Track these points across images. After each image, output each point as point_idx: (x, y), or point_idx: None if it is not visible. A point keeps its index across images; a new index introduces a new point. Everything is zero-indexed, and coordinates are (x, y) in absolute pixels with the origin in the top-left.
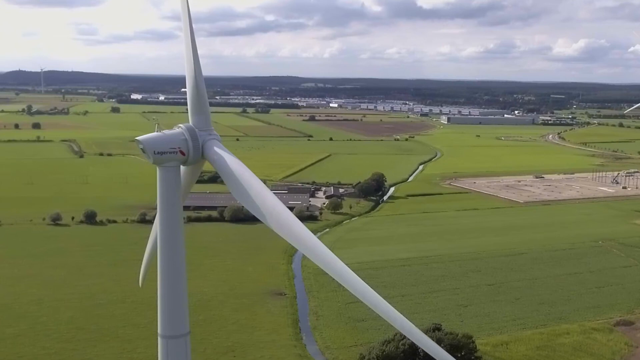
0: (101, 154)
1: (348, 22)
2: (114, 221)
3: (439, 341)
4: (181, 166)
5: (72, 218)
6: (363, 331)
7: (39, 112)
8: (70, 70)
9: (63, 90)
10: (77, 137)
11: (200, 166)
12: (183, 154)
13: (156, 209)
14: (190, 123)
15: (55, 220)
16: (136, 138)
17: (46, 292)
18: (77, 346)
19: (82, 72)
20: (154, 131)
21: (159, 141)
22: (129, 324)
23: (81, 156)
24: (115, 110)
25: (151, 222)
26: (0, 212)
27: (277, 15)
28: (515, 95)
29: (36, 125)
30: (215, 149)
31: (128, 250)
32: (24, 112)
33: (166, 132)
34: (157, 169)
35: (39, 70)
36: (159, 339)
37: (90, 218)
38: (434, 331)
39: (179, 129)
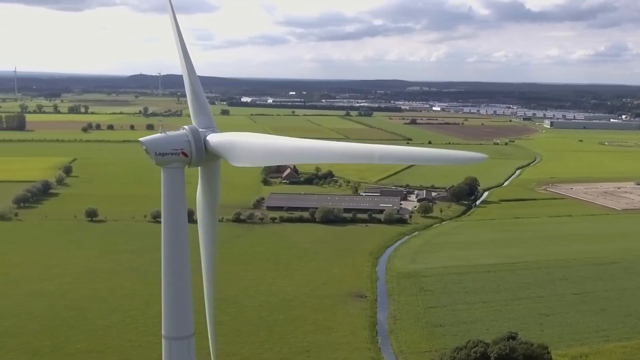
0: None
1: (455, 25)
2: None
3: (512, 350)
4: (199, 168)
5: None
6: (439, 337)
7: (154, 114)
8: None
9: (179, 94)
10: None
11: (214, 166)
12: (186, 155)
13: (251, 208)
14: (194, 124)
15: (156, 218)
16: (139, 139)
17: (140, 286)
18: (160, 340)
19: (198, 76)
20: (159, 132)
21: (161, 142)
22: (215, 320)
23: None
24: (224, 112)
25: (245, 221)
26: (107, 209)
27: (385, 19)
28: (624, 100)
29: (150, 127)
30: (214, 135)
31: (220, 247)
32: (141, 114)
33: (169, 133)
34: (161, 170)
35: (158, 74)
36: (162, 340)
37: (189, 216)
38: (507, 340)
39: (184, 130)
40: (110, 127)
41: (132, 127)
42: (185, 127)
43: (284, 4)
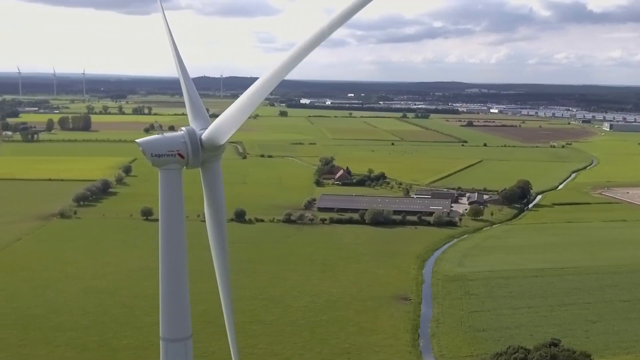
0: (262, 156)
1: (516, 27)
2: (262, 220)
3: (553, 357)
4: (200, 170)
5: None
6: (481, 341)
7: (214, 116)
8: (249, 76)
9: (239, 95)
10: (243, 139)
11: (213, 167)
12: (182, 156)
13: (302, 209)
14: (192, 125)
15: None
16: (136, 140)
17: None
18: (202, 338)
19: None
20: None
21: (157, 144)
22: (256, 320)
23: (244, 157)
24: (283, 114)
25: (296, 222)
26: None
27: (445, 21)
28: None
29: None
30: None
31: (269, 248)
32: None
33: (167, 134)
34: (159, 171)
35: (220, 76)
36: (160, 341)
37: (239, 216)
38: (549, 346)
39: (181, 131)
40: (171, 128)
41: None
42: (183, 128)
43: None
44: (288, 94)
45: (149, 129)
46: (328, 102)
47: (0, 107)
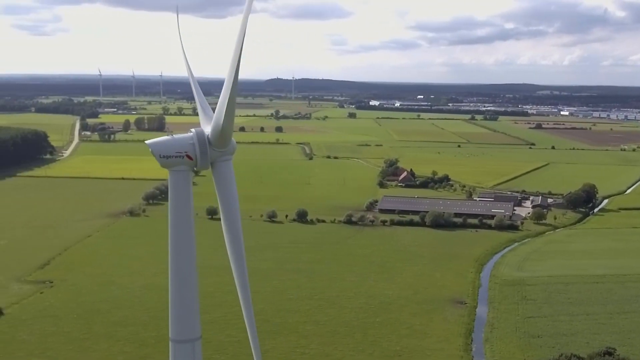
0: (328, 157)
1: (590, 28)
2: (323, 221)
3: None
4: (212, 171)
5: (286, 216)
6: (535, 348)
7: (284, 117)
8: (320, 78)
9: (310, 97)
10: (311, 140)
11: (224, 166)
12: (190, 158)
13: (364, 210)
14: (207, 134)
15: (272, 218)
16: (145, 141)
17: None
18: (259, 336)
19: (331, 80)
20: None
21: (166, 145)
22: (310, 320)
23: (310, 158)
24: (351, 115)
25: (357, 223)
26: None
27: (517, 23)
28: None
29: (279, 129)
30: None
31: (328, 249)
32: (272, 117)
33: (176, 136)
34: (168, 172)
35: (291, 78)
36: (169, 342)
37: (301, 217)
38: (604, 355)
39: (190, 133)
40: (242, 129)
41: (262, 129)
42: (193, 130)
43: (416, 9)
44: (358, 96)
45: None
46: (397, 104)
47: (81, 108)
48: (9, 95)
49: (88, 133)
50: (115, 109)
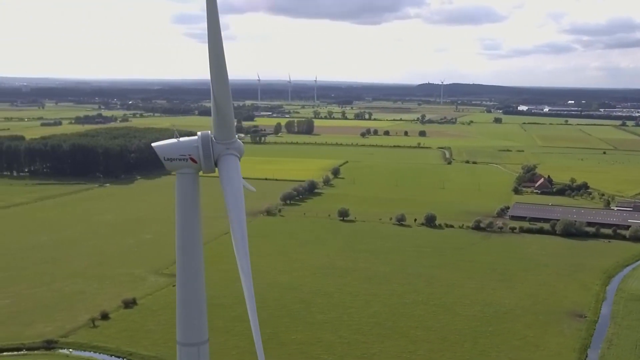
0: (467, 162)
1: None
2: (451, 226)
3: None
4: (217, 167)
5: (415, 220)
6: None
7: (429, 121)
8: (470, 83)
9: (459, 102)
10: (452, 145)
11: (228, 159)
12: (194, 161)
13: (494, 216)
14: (213, 133)
15: (400, 221)
16: (152, 144)
17: (365, 285)
18: (368, 339)
19: (481, 85)
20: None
21: (170, 148)
22: (422, 325)
23: (449, 163)
24: (497, 120)
25: (485, 229)
26: (360, 209)
27: None
28: None
29: (422, 133)
30: (226, 165)
31: (451, 254)
32: (417, 121)
33: (181, 139)
34: (176, 175)
35: (440, 83)
36: (177, 345)
37: (429, 221)
38: None
39: (196, 136)
40: (386, 133)
41: (405, 133)
42: (199, 133)
43: (571, 12)
44: (507, 101)
45: (365, 134)
46: (546, 109)
47: (239, 111)
48: (178, 99)
49: (242, 135)
50: (270, 113)
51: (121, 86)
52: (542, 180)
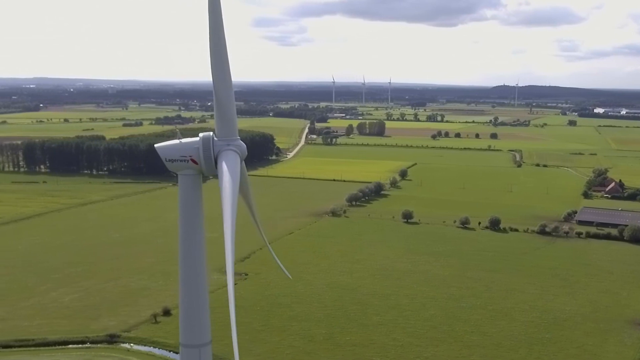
0: (537, 165)
1: None
2: (516, 230)
3: None
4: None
5: (479, 223)
6: None
7: (502, 124)
8: (547, 85)
9: (534, 104)
10: (523, 147)
11: (227, 154)
12: (195, 162)
13: (561, 221)
14: (216, 132)
15: (464, 224)
16: (155, 145)
17: (423, 288)
18: (422, 343)
19: (558, 87)
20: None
21: (171, 149)
22: (478, 331)
23: (519, 166)
24: (571, 123)
25: (550, 234)
26: (424, 211)
27: None
28: None
29: (493, 136)
30: (225, 161)
31: (513, 258)
32: (490, 124)
33: (183, 141)
34: (178, 176)
35: (515, 85)
36: (179, 346)
37: (494, 224)
38: None
39: (197, 138)
40: (457, 135)
41: (477, 136)
42: (200, 134)
43: None
44: (583, 103)
45: (436, 136)
46: (623, 112)
47: (313, 112)
48: (255, 101)
49: (314, 136)
50: (343, 114)
51: (201, 88)
52: (613, 184)
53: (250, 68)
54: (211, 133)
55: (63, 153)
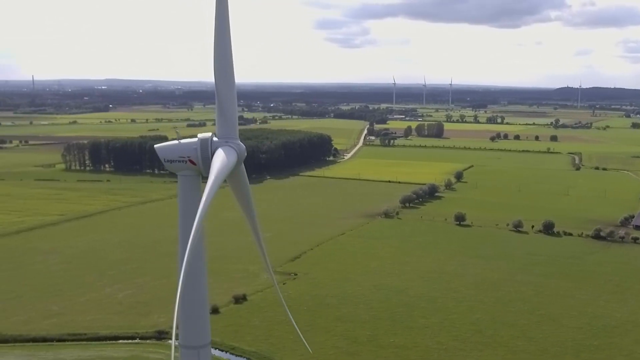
0: (596, 168)
1: None
2: (570, 234)
3: None
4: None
5: (532, 226)
6: None
7: (563, 126)
8: (612, 87)
9: (597, 106)
10: (583, 150)
11: (238, 173)
12: (193, 163)
13: (617, 225)
14: (216, 132)
15: (517, 227)
16: (154, 146)
17: (471, 291)
18: (466, 347)
19: (623, 89)
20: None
21: (170, 150)
22: (524, 335)
23: (578, 169)
24: (635, 125)
25: (605, 238)
26: (477, 214)
27: None
28: None
29: (553, 138)
30: (217, 153)
31: (565, 263)
32: (551, 126)
33: (182, 141)
34: (178, 177)
35: (578, 87)
36: (179, 346)
37: (547, 228)
38: None
39: (196, 139)
40: (517, 137)
41: (536, 138)
42: (199, 135)
43: None
44: None
45: (494, 138)
46: None
47: (372, 114)
48: (316, 102)
49: (372, 138)
50: (403, 116)
51: (265, 89)
52: None
53: (313, 70)
54: (210, 134)
55: (127, 152)
